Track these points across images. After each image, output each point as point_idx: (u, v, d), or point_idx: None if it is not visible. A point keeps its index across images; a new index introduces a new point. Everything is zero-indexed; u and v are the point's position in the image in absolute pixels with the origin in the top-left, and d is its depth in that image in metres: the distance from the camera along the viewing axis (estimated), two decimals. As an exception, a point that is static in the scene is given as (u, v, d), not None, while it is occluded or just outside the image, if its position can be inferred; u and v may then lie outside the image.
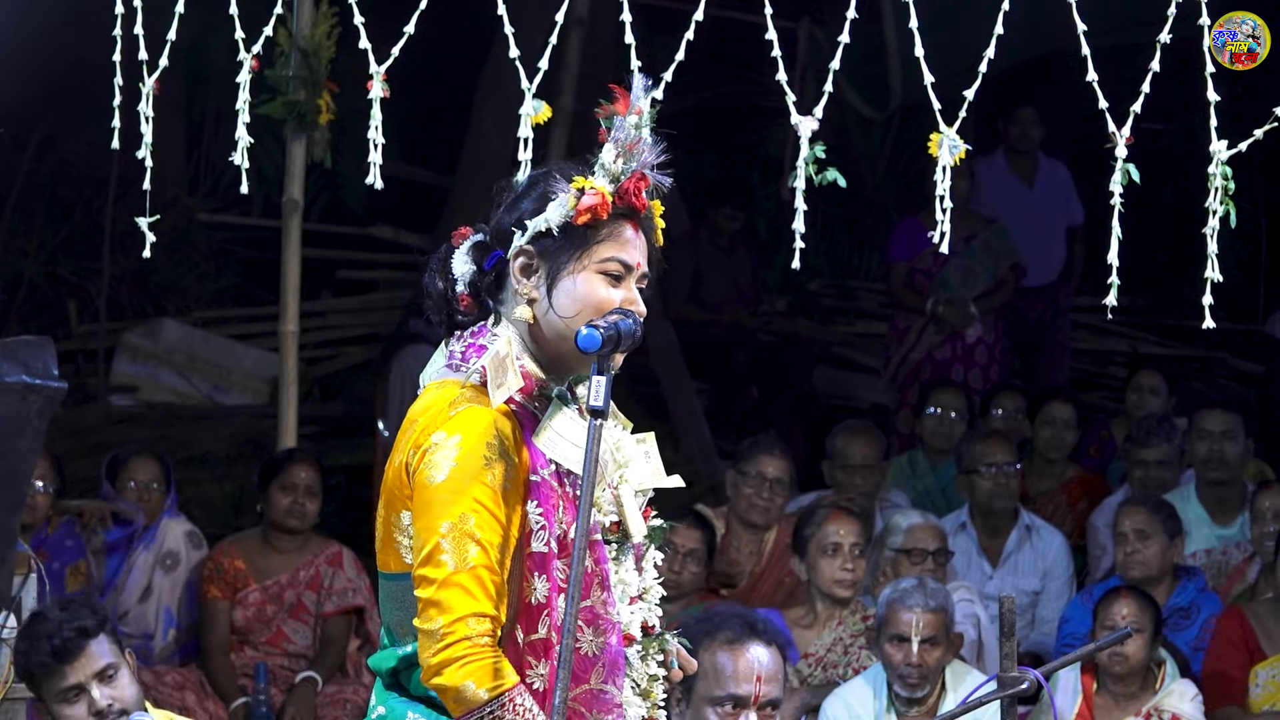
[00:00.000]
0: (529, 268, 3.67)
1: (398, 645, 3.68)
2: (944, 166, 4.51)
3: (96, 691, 5.20)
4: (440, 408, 3.61)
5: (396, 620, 3.68)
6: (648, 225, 3.73)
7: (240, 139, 5.09)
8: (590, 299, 3.64)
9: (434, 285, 3.76)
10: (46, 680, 5.23)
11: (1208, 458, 8.18)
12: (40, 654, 5.21)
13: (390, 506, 3.66)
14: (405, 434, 3.65)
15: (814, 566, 7.17)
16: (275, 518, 7.80)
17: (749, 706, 5.03)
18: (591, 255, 3.65)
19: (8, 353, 5.21)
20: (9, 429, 5.21)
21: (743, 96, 12.60)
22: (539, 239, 3.65)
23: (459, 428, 3.57)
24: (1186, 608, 7.56)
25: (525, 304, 3.66)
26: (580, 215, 3.62)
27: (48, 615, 5.35)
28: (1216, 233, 4.31)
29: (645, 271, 3.72)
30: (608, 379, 3.53)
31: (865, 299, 12.57)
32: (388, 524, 3.66)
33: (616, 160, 3.66)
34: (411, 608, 3.61)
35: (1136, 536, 7.42)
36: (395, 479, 3.64)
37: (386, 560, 3.68)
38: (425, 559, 3.54)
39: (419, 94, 11.58)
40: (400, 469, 3.63)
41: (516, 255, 3.66)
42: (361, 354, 11.55)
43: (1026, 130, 10.45)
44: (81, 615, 5.30)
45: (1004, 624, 4.90)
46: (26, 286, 11.47)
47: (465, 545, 3.52)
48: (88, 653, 5.22)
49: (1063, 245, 10.56)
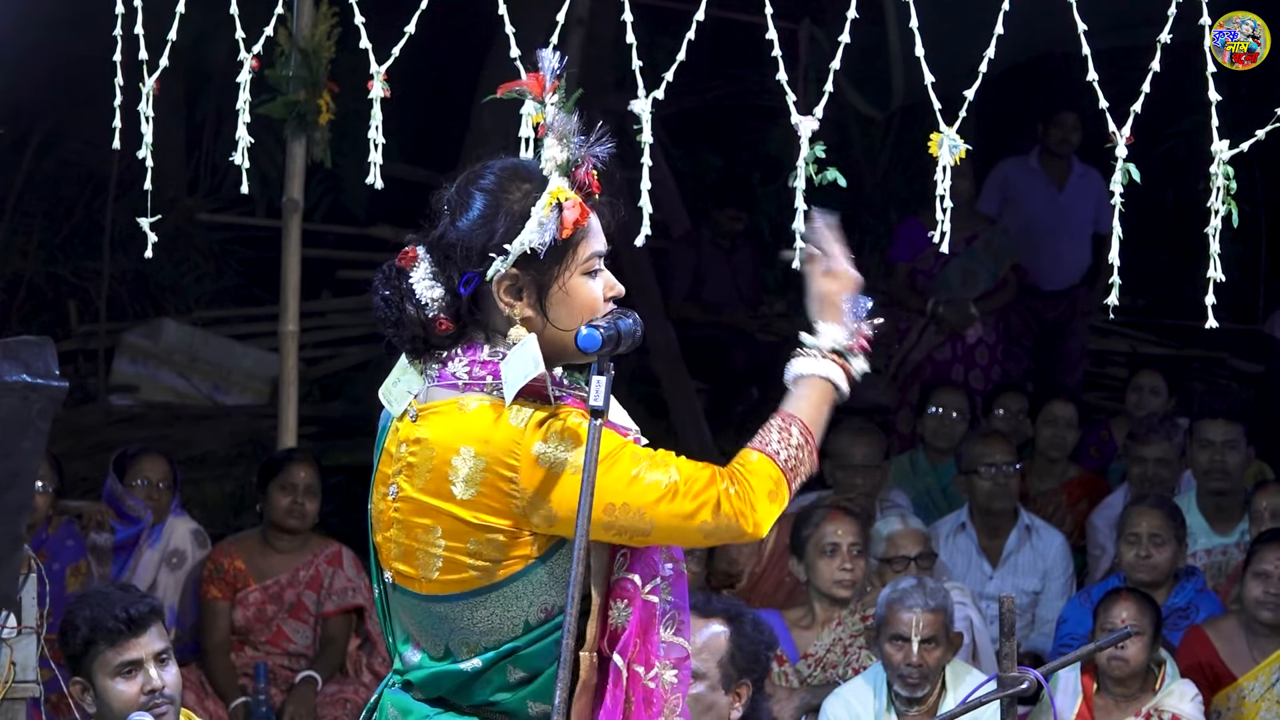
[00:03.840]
0: (515, 289, 3.60)
1: (460, 663, 3.62)
2: (944, 166, 4.51)
3: (153, 671, 5.24)
4: (503, 428, 3.53)
5: (460, 640, 3.62)
6: (600, 203, 3.67)
7: (241, 139, 5.09)
8: (584, 304, 3.61)
9: (402, 311, 3.66)
10: (108, 650, 5.24)
11: (1209, 468, 8.17)
12: (114, 620, 5.23)
13: (455, 536, 3.55)
14: (464, 465, 3.55)
15: (812, 567, 7.17)
16: (275, 518, 7.80)
17: None
18: (576, 260, 3.61)
19: (8, 353, 5.20)
20: (11, 429, 5.20)
21: (744, 97, 12.61)
22: (523, 259, 3.57)
23: (546, 431, 3.53)
24: (1185, 608, 7.54)
25: (519, 324, 3.60)
26: (566, 230, 3.56)
27: (108, 591, 5.42)
28: (1218, 232, 4.31)
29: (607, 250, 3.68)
30: (608, 379, 3.51)
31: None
32: (451, 551, 3.57)
33: (561, 152, 3.57)
34: (480, 625, 3.58)
35: (1150, 540, 7.39)
36: (469, 513, 3.54)
37: (449, 584, 3.59)
38: (649, 503, 3.51)
39: (419, 94, 11.58)
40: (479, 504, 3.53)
41: (501, 280, 3.58)
42: (361, 354, 11.56)
43: (1067, 135, 10.45)
44: (146, 597, 5.44)
45: (1004, 624, 4.89)
46: (26, 286, 11.48)
47: (647, 456, 3.54)
48: (152, 631, 5.28)
49: (1088, 250, 10.56)
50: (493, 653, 3.60)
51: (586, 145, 3.59)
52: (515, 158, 3.70)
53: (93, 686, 5.28)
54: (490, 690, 3.61)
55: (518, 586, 3.57)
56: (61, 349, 7.97)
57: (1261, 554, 7.12)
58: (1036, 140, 10.65)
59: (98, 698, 5.28)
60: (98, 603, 5.33)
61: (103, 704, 5.27)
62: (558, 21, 4.87)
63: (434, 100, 11.96)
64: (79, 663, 5.32)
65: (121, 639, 5.24)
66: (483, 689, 3.62)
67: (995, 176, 10.63)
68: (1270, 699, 7.04)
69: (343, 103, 7.79)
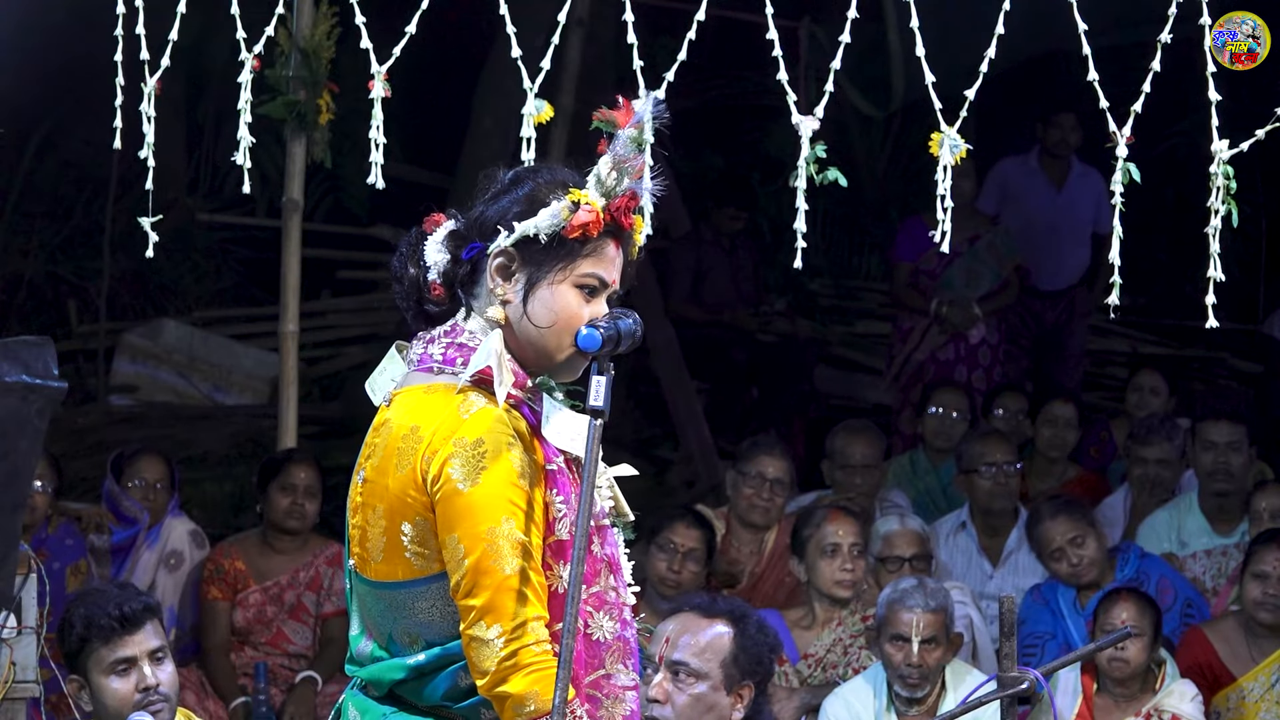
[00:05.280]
0: (507, 270, 3.64)
1: (404, 655, 3.65)
2: (944, 166, 4.51)
3: (148, 668, 5.25)
4: (448, 412, 3.58)
5: (403, 630, 3.65)
6: (628, 242, 3.71)
7: (242, 139, 5.09)
8: (564, 313, 3.62)
9: (404, 270, 3.72)
10: (102, 648, 5.25)
11: (1213, 469, 8.15)
12: (107, 618, 5.25)
13: (392, 517, 3.62)
14: (406, 442, 3.61)
15: (813, 567, 7.17)
16: (275, 519, 7.80)
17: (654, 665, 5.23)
18: (574, 269, 3.63)
19: (8, 353, 5.20)
20: (10, 429, 5.21)
21: (744, 96, 12.61)
22: (524, 244, 3.62)
23: (478, 429, 3.54)
24: (1137, 579, 7.49)
25: (499, 304, 3.64)
26: (573, 230, 3.60)
27: (105, 590, 5.44)
28: (1218, 232, 4.31)
29: (617, 289, 3.70)
30: (608, 379, 3.53)
31: (866, 299, 12.58)
32: (391, 534, 3.62)
33: (611, 175, 3.62)
34: (420, 616, 3.60)
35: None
36: (401, 489, 3.60)
37: (392, 570, 3.64)
38: (473, 567, 3.51)
39: (419, 94, 11.58)
40: (409, 479, 3.59)
41: (498, 255, 3.63)
42: (361, 354, 11.56)
43: (1065, 135, 10.44)
44: (142, 595, 5.45)
45: (1004, 624, 4.89)
46: (26, 286, 11.47)
47: (512, 550, 3.50)
48: (147, 629, 5.29)
49: (1086, 251, 10.55)
50: (437, 650, 3.62)
51: (637, 183, 3.63)
52: (575, 172, 3.73)
53: (88, 684, 5.29)
54: (439, 695, 3.63)
55: None
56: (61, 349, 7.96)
57: (1259, 555, 7.11)
58: (1034, 140, 10.64)
59: (93, 695, 5.28)
60: (93, 600, 5.35)
61: (98, 702, 5.28)
62: (558, 21, 4.87)
63: (434, 100, 11.96)
64: (75, 660, 5.32)
65: (115, 636, 5.25)
66: (432, 691, 3.63)
67: (994, 176, 10.63)
68: (1270, 699, 7.04)
69: (343, 103, 7.79)
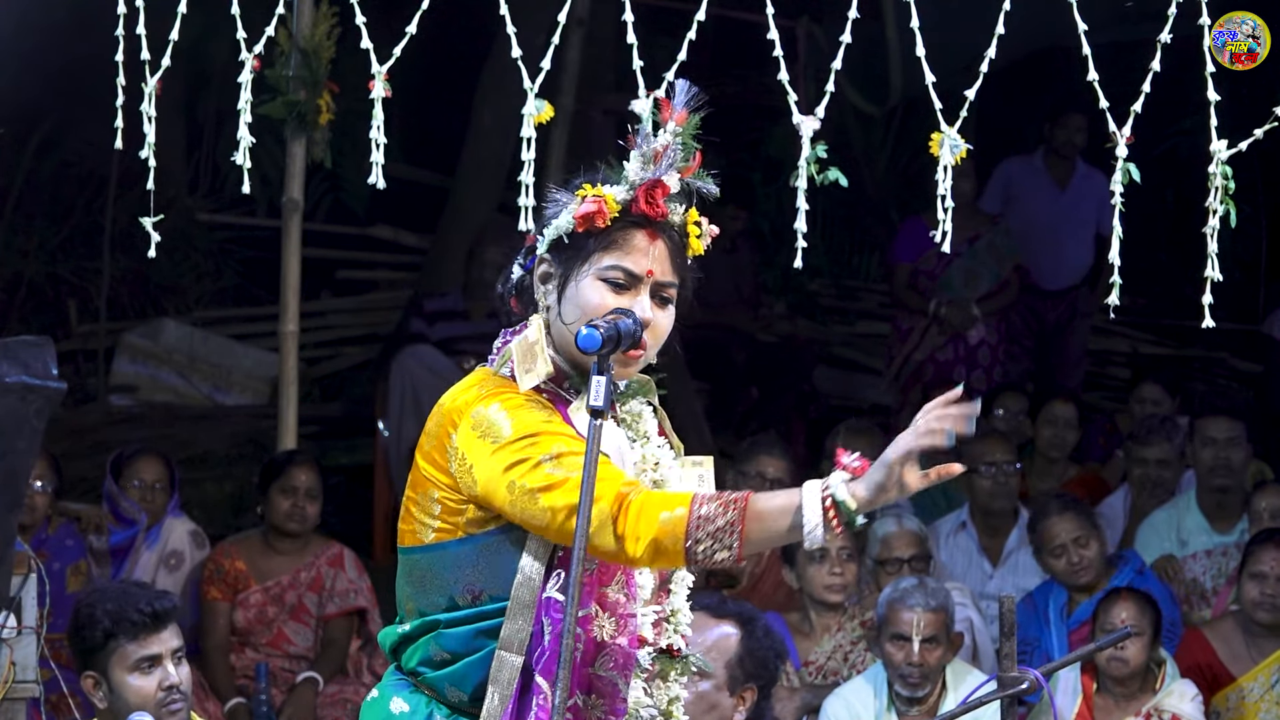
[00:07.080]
0: (547, 275, 3.72)
1: (399, 620, 3.75)
2: (945, 166, 4.51)
3: (171, 667, 5.27)
4: (468, 389, 3.66)
5: (405, 595, 3.73)
6: (669, 232, 3.70)
7: (242, 139, 5.09)
8: (588, 306, 3.65)
9: (497, 287, 3.86)
10: (129, 644, 5.25)
11: (1213, 465, 8.14)
12: (139, 614, 5.26)
13: (413, 485, 3.70)
14: (433, 418, 3.69)
15: (803, 574, 7.16)
16: (275, 521, 7.79)
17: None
18: (594, 262, 3.67)
19: (8, 353, 5.20)
20: (8, 429, 5.21)
21: (744, 96, 12.60)
22: (555, 247, 3.70)
23: (495, 398, 3.61)
24: None
25: (544, 309, 3.72)
26: (579, 223, 3.65)
27: (127, 587, 5.47)
28: (1217, 232, 4.31)
29: (666, 280, 3.70)
30: (608, 379, 3.53)
31: (865, 299, 12.58)
32: (408, 503, 3.71)
33: (636, 166, 3.68)
34: (417, 585, 3.68)
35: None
36: (422, 457, 3.67)
37: (402, 537, 3.74)
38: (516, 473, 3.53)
39: (419, 94, 11.58)
40: (425, 445, 3.66)
41: (540, 262, 3.73)
42: (361, 354, 11.56)
43: (1072, 136, 10.44)
44: (168, 594, 5.50)
45: (1004, 624, 4.89)
46: (26, 286, 11.47)
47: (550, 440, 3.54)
48: (172, 628, 5.32)
49: (1089, 251, 10.54)
50: (420, 620, 3.69)
51: (661, 167, 3.65)
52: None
53: (107, 681, 5.28)
54: (416, 660, 3.70)
55: (446, 555, 3.65)
56: (61, 349, 7.97)
57: (1257, 555, 7.11)
58: (1041, 140, 10.65)
59: (111, 691, 5.27)
60: (119, 597, 5.35)
61: (117, 698, 5.27)
62: (558, 21, 4.87)
63: (434, 100, 11.96)
64: (93, 656, 5.30)
65: (144, 633, 5.26)
66: (411, 655, 3.71)
67: (998, 175, 10.63)
68: (1270, 699, 7.04)
69: (343, 103, 7.79)
